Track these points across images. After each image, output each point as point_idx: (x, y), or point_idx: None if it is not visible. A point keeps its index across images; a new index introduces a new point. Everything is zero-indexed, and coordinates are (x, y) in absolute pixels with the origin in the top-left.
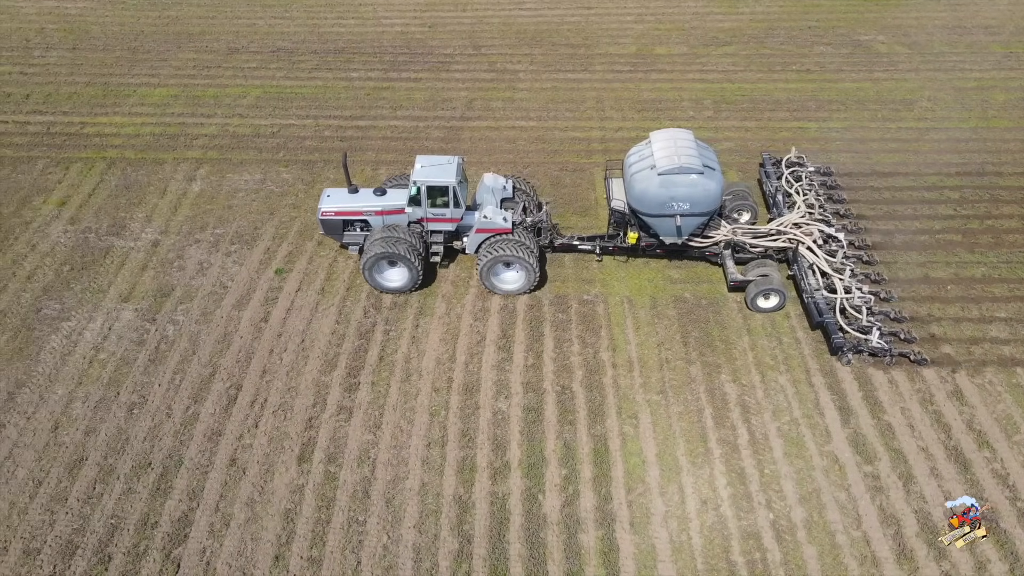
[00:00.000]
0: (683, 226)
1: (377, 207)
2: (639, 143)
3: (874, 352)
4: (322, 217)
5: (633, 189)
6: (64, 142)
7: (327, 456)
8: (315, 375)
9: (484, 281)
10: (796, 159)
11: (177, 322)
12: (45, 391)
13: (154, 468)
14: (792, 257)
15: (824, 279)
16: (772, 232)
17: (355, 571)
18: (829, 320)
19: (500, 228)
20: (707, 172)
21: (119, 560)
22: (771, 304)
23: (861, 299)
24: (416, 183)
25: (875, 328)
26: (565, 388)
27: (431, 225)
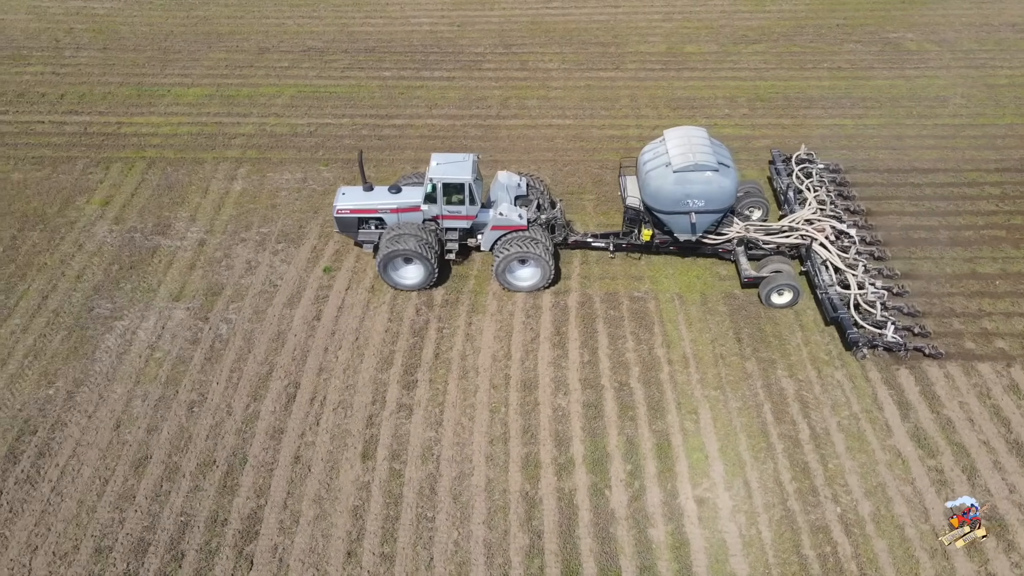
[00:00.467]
0: (698, 223)
1: (392, 205)
2: (653, 140)
3: (889, 347)
4: (337, 215)
5: (648, 186)
6: (102, 142)
7: (391, 453)
8: (372, 373)
9: (499, 278)
10: (806, 156)
11: (230, 321)
12: (104, 390)
13: (219, 466)
14: (805, 253)
15: (837, 275)
16: (784, 229)
17: (428, 567)
18: (844, 315)
19: (516, 225)
20: (722, 169)
21: (192, 557)
22: (785, 300)
23: (875, 294)
24: (432, 180)
25: (890, 322)
26: (623, 384)
27: (446, 222)
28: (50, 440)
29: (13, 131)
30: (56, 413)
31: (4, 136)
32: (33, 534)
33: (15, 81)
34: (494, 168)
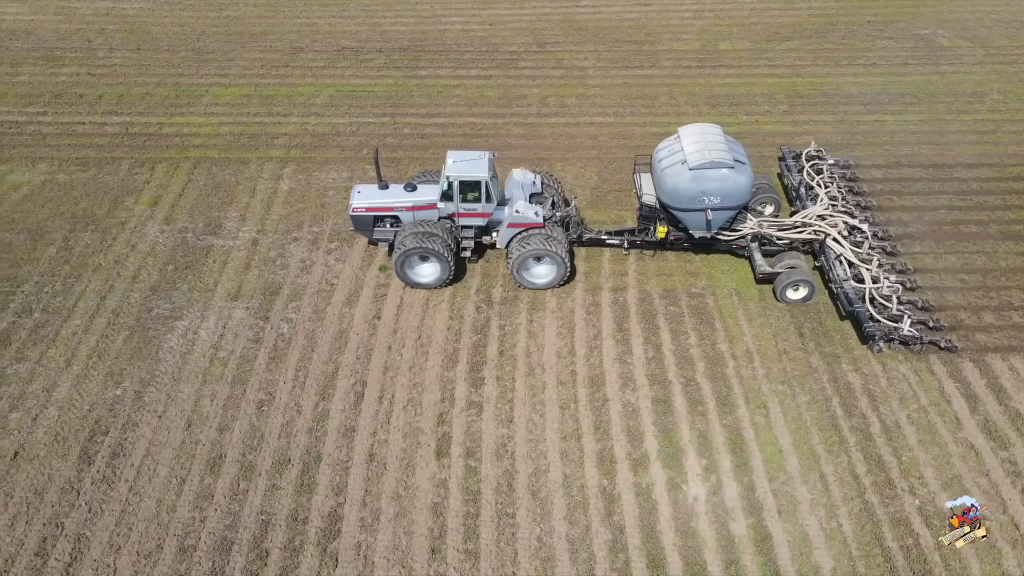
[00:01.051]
0: (713, 220)
1: (408, 203)
2: (668, 138)
3: (905, 340)
4: (353, 213)
5: (664, 184)
6: (145, 142)
7: (465, 451)
8: (438, 371)
9: (515, 275)
10: (815, 152)
11: (291, 320)
12: (171, 389)
13: (294, 464)
14: (819, 249)
15: (852, 269)
16: (797, 224)
17: (513, 562)
18: (860, 309)
19: (532, 223)
20: (737, 166)
21: (276, 555)
22: (800, 295)
23: (890, 288)
24: (449, 178)
25: (906, 316)
26: (689, 380)
27: (462, 220)
28: (123, 440)
29: (54, 132)
30: (126, 413)
31: (46, 137)
32: (115, 534)
33: (51, 82)
34: (509, 166)
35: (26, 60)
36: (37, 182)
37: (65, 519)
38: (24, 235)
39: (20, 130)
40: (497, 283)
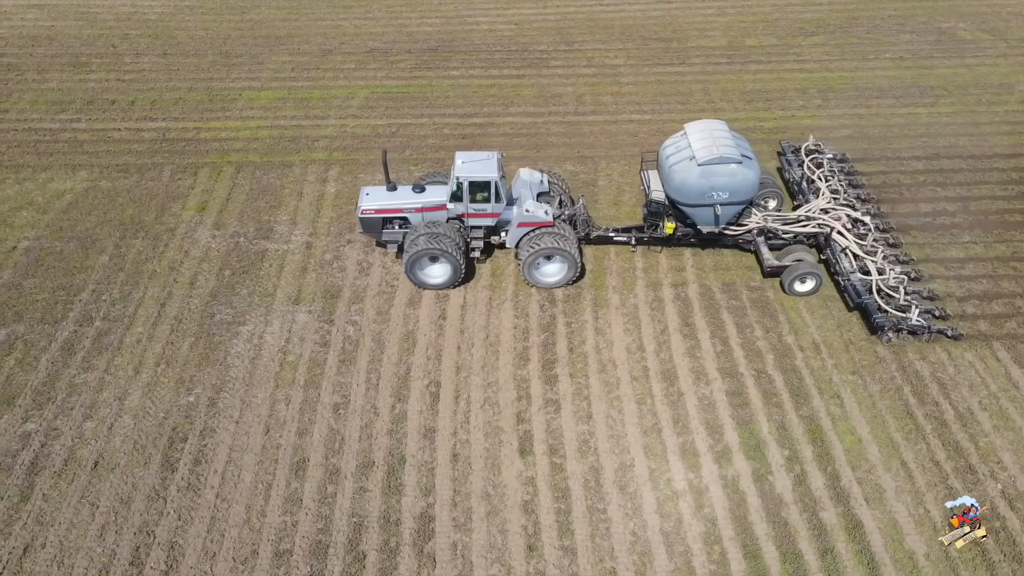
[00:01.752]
0: (722, 215)
1: (417, 204)
2: (674, 135)
3: (913, 330)
4: (362, 215)
5: (673, 180)
6: (184, 147)
7: (548, 448)
8: (510, 369)
9: (526, 275)
10: (814, 147)
11: (355, 322)
12: (245, 395)
13: (379, 466)
14: (824, 242)
15: (857, 261)
16: (802, 218)
17: (611, 557)
18: (868, 300)
19: (543, 221)
20: (745, 161)
21: (374, 557)
22: (807, 288)
23: (896, 279)
24: (459, 179)
25: (914, 306)
26: (760, 372)
27: (472, 221)
28: (203, 447)
29: (91, 139)
30: (202, 420)
31: (82, 144)
32: (208, 540)
33: (80, 88)
34: (517, 165)
35: (52, 66)
36: (80, 189)
37: (155, 527)
38: (74, 243)
39: (55, 137)
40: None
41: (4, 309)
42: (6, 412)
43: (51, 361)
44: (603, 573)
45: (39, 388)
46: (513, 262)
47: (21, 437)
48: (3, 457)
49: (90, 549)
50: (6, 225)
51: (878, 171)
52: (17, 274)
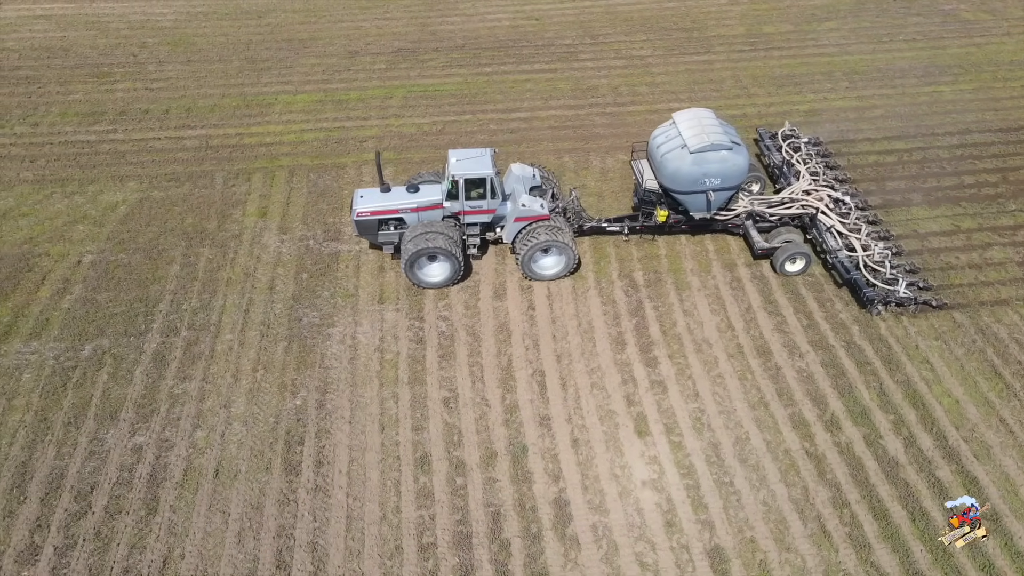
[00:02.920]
0: (715, 200)
1: (412, 204)
2: (662, 124)
3: (901, 302)
4: (357, 218)
5: (665, 169)
6: (230, 154)
7: (664, 427)
8: (610, 354)
9: (524, 269)
10: (790, 132)
11: (446, 318)
12: (352, 395)
13: (501, 456)
14: (810, 222)
15: (842, 239)
16: (786, 201)
17: (748, 527)
18: (857, 276)
19: (540, 215)
20: (735, 147)
21: (519, 544)
22: (798, 267)
23: (880, 254)
24: (454, 177)
25: (900, 279)
26: (849, 343)
27: (468, 218)
28: (321, 448)
29: (132, 149)
30: (314, 422)
31: (124, 155)
32: (349, 539)
33: (108, 99)
34: (507, 160)
35: (74, 78)
36: (133, 200)
37: (293, 530)
38: (140, 254)
39: (93, 149)
40: (638, 266)
41: (84, 324)
42: (111, 427)
43: (145, 373)
44: (743, 543)
45: (139, 401)
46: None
47: (133, 450)
48: (120, 472)
49: (232, 556)
50: (64, 240)
51: (917, 147)
52: (88, 288)
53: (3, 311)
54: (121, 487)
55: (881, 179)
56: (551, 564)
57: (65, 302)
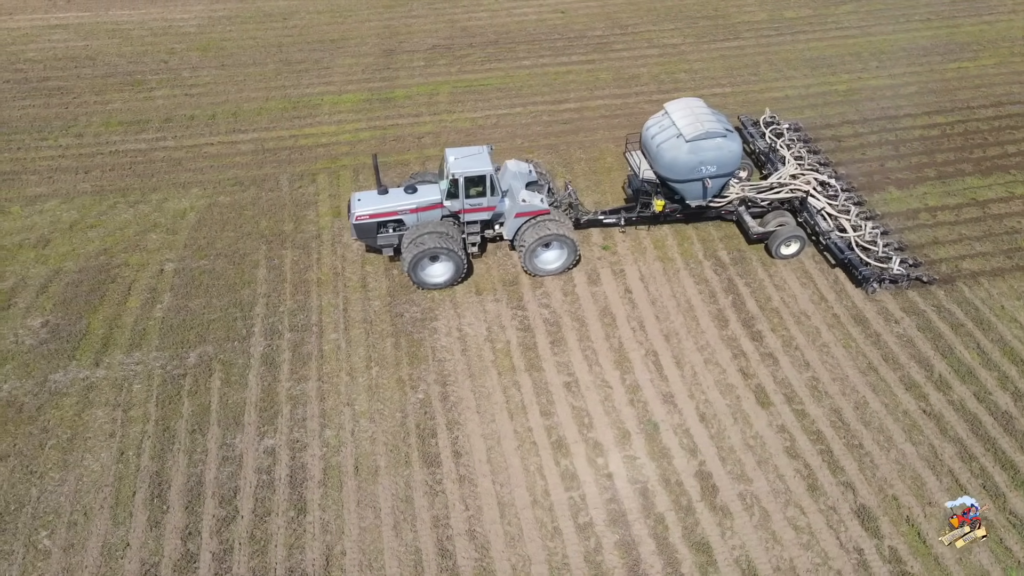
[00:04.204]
0: (711, 188)
1: (412, 205)
2: (654, 115)
3: (894, 279)
4: (356, 222)
5: (662, 159)
6: (288, 156)
7: (784, 397)
8: (715, 331)
9: (526, 265)
10: (770, 119)
11: (547, 305)
12: (472, 385)
13: (635, 435)
14: (800, 205)
15: (834, 221)
16: (775, 186)
17: (888, 485)
18: (851, 256)
19: (540, 210)
20: (728, 135)
21: (672, 516)
22: (793, 250)
23: (871, 233)
24: (454, 175)
25: (894, 256)
26: (939, 307)
27: (468, 216)
28: (455, 439)
29: (187, 156)
30: (442, 414)
31: (180, 162)
32: (506, 525)
33: (149, 107)
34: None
35: (108, 87)
36: (201, 207)
37: (448, 520)
38: (222, 260)
39: (146, 157)
40: (720, 245)
41: (183, 332)
42: (237, 432)
43: (259, 376)
44: (887, 501)
45: (260, 404)
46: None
47: (267, 453)
48: (258, 475)
49: (393, 548)
50: (140, 249)
51: (957, 120)
52: (178, 296)
53: (95, 323)
54: (263, 490)
55: (930, 152)
56: (709, 534)
57: (157, 311)
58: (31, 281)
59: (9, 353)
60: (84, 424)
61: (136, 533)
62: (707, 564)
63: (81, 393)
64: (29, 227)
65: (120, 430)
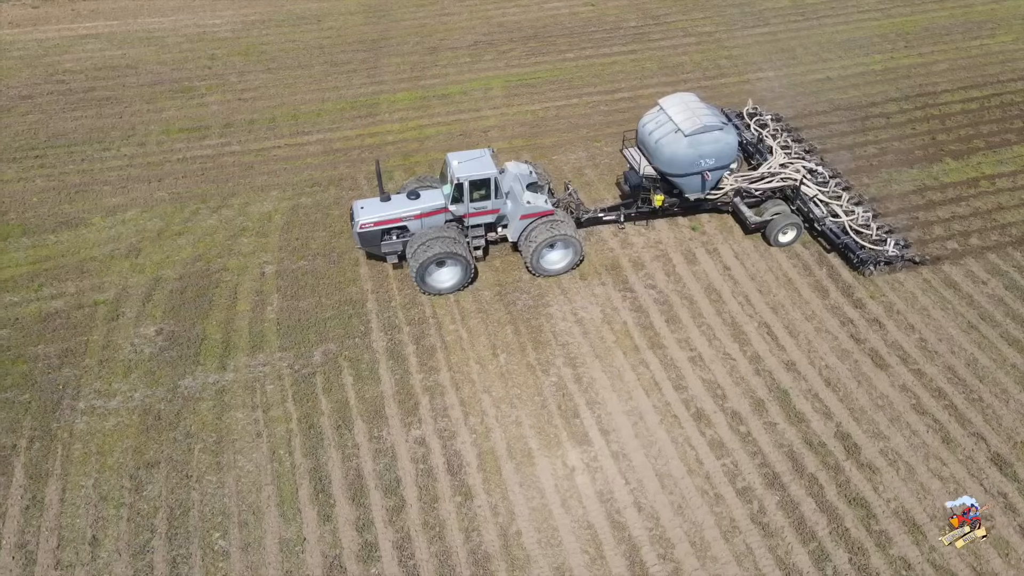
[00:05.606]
0: (710, 180)
1: (416, 211)
2: (649, 112)
3: (889, 260)
4: (360, 230)
5: (662, 154)
6: (359, 155)
7: (899, 359)
8: (818, 302)
9: (533, 266)
10: (752, 110)
11: (653, 286)
12: (602, 365)
13: (769, 402)
14: (793, 193)
15: (827, 207)
16: (766, 175)
17: (1014, 432)
18: (848, 240)
19: (545, 211)
20: (725, 127)
21: (824, 475)
22: (790, 237)
23: (864, 217)
24: (459, 179)
25: (890, 239)
26: (1019, 267)
27: (472, 220)
28: (599, 418)
29: (257, 160)
30: (580, 395)
31: (252, 166)
32: (667, 495)
33: (206, 113)
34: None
35: (157, 95)
36: (285, 208)
37: (612, 494)
38: (321, 259)
39: (215, 163)
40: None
41: (301, 331)
42: (383, 424)
43: (390, 370)
44: (1017, 447)
45: (397, 397)
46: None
47: (418, 443)
48: (415, 464)
49: (565, 524)
50: (235, 253)
51: (991, 94)
52: (287, 297)
53: (210, 328)
54: (424, 478)
55: (974, 124)
56: (862, 489)
57: (269, 313)
58: (132, 290)
59: (131, 362)
60: (226, 427)
61: (310, 528)
62: (867, 517)
63: (215, 397)
64: (115, 237)
65: (265, 430)
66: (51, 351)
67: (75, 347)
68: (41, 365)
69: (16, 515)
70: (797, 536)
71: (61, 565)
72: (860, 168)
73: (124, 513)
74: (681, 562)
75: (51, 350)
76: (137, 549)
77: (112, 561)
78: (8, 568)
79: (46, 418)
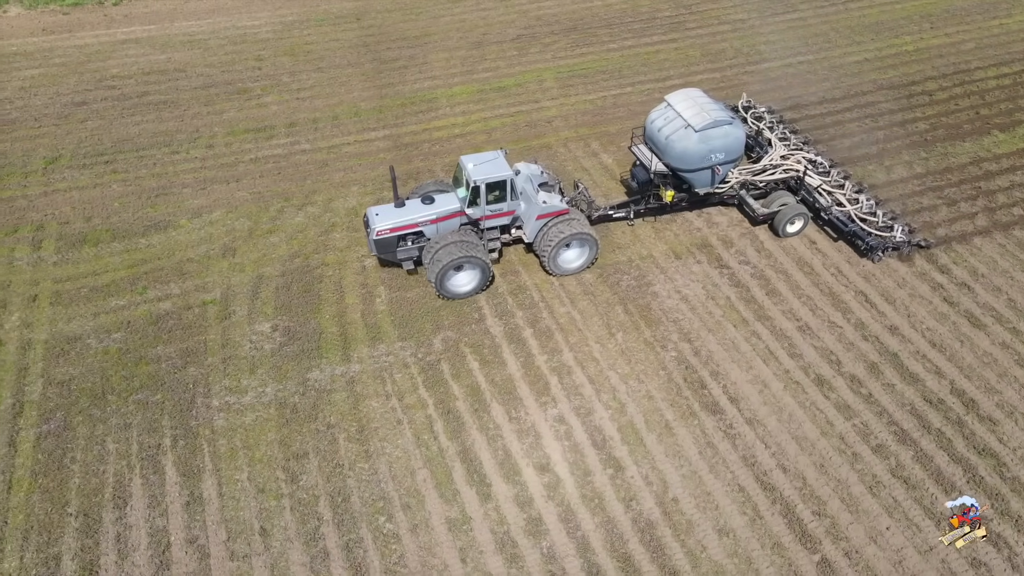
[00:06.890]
0: (720, 174)
1: (432, 215)
2: (656, 108)
3: (896, 247)
4: (376, 237)
5: (673, 150)
6: (430, 148)
7: (993, 318)
8: (904, 269)
9: (550, 266)
10: (746, 103)
11: (747, 261)
12: (716, 338)
13: (883, 365)
14: (797, 184)
15: (830, 196)
16: (768, 168)
17: None
18: (856, 228)
19: (561, 210)
20: (734, 121)
21: (950, 431)
22: (797, 228)
23: (868, 205)
24: (475, 182)
25: (897, 225)
26: None
27: (489, 222)
28: (725, 387)
29: (330, 157)
30: (701, 367)
31: (327, 163)
32: (805, 456)
33: (267, 114)
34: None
35: (213, 97)
36: (370, 202)
37: (754, 459)
38: None
39: (289, 161)
40: None
41: (416, 321)
42: (519, 406)
43: (514, 354)
44: None
45: (527, 379)
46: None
47: (558, 421)
48: (559, 441)
49: (719, 490)
50: (330, 249)
51: (1022, 70)
52: (393, 289)
53: (325, 322)
54: (572, 454)
55: (1013, 98)
56: (988, 440)
57: (379, 304)
58: (237, 289)
59: (255, 359)
60: (365, 416)
61: (472, 507)
62: (998, 466)
63: (347, 388)
64: (207, 238)
65: (404, 417)
66: (171, 352)
67: (194, 347)
68: (165, 366)
69: (178, 511)
70: (939, 487)
71: (236, 556)
72: (915, 143)
73: (286, 503)
74: (836, 517)
75: (171, 351)
76: (308, 537)
77: (287, 549)
78: (183, 563)
79: (184, 416)
